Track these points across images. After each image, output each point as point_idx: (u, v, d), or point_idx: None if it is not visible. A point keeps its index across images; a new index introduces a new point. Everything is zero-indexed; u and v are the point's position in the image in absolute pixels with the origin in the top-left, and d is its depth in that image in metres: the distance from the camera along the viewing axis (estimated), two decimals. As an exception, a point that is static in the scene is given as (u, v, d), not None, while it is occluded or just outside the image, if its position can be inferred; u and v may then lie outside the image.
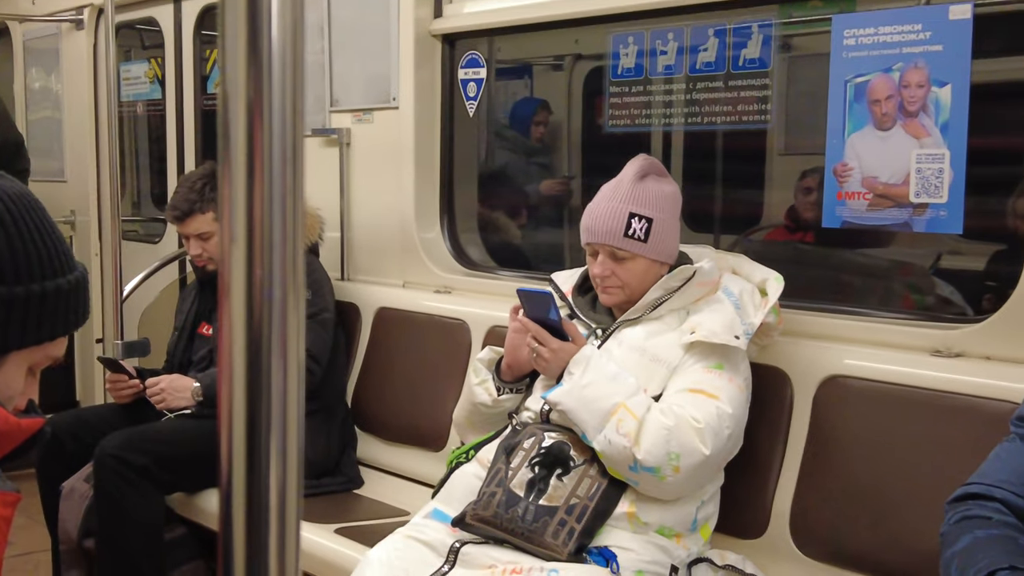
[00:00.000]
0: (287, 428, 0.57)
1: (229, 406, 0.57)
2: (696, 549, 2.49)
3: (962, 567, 1.82)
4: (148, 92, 5.32)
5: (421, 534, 2.49)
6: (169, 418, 3.47)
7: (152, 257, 4.75)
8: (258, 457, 0.57)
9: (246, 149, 0.57)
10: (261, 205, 0.56)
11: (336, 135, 3.99)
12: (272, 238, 0.56)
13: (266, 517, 0.57)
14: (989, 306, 2.97)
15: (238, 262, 0.57)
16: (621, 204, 2.58)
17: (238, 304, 0.57)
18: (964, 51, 2.54)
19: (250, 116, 0.57)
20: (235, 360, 0.57)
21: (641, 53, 3.34)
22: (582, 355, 2.50)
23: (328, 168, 4.04)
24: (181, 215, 3.57)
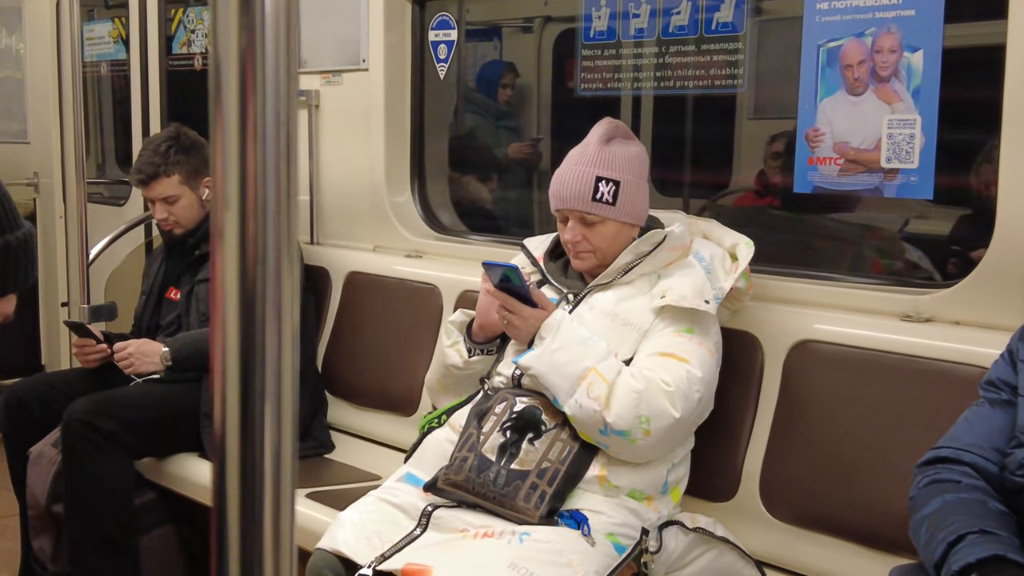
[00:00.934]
0: (282, 393, 0.57)
1: (223, 372, 0.57)
2: (667, 512, 2.51)
3: (932, 530, 1.85)
4: (112, 52, 5.24)
5: (393, 497, 2.50)
6: (137, 383, 3.45)
7: (118, 220, 4.70)
8: (253, 423, 0.56)
9: (239, 111, 0.56)
10: (254, 168, 0.56)
11: (305, 97, 3.95)
12: (266, 201, 0.55)
13: (261, 485, 0.57)
14: (955, 270, 3.00)
15: (231, 226, 0.56)
16: (588, 168, 2.58)
17: (231, 268, 0.56)
18: (936, 16, 2.55)
19: (242, 77, 0.56)
20: (228, 325, 0.57)
21: (613, 16, 3.33)
22: (552, 320, 2.50)
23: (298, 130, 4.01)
24: (145, 179, 3.52)
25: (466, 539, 2.34)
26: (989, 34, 2.54)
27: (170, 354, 3.40)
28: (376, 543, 2.37)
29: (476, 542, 2.32)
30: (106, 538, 3.24)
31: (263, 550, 0.59)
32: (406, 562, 2.27)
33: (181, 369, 3.37)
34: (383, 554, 2.32)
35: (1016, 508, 1.88)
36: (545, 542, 2.28)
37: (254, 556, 0.59)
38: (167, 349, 3.41)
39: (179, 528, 3.54)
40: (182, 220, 3.56)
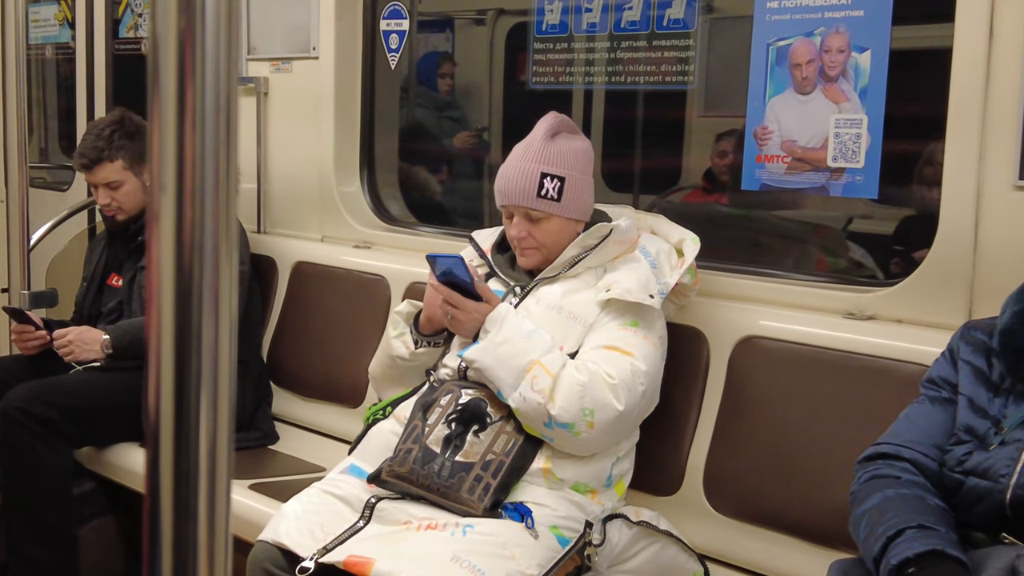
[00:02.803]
0: (218, 382, 0.56)
1: (157, 360, 0.56)
2: (611, 505, 2.52)
3: (871, 525, 1.87)
4: (57, 35, 5.15)
5: (337, 489, 2.49)
6: (77, 370, 3.40)
7: (60, 205, 4.63)
8: (187, 412, 0.56)
9: (177, 95, 0.55)
10: (193, 153, 0.55)
11: (253, 84, 3.92)
12: (204, 187, 0.55)
13: (195, 475, 0.56)
14: (898, 269, 3.04)
15: (167, 211, 0.55)
16: (532, 164, 2.58)
17: (167, 255, 0.55)
18: (884, 17, 2.58)
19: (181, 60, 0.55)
20: (164, 313, 0.56)
21: (566, 10, 3.33)
22: (497, 313, 2.50)
23: (245, 118, 3.96)
24: (89, 163, 3.48)
25: (409, 531, 2.34)
26: (936, 36, 2.57)
27: (111, 342, 3.35)
28: (319, 535, 2.36)
29: (419, 534, 2.32)
30: (44, 528, 3.20)
31: (197, 540, 0.58)
32: (348, 554, 2.26)
33: (122, 357, 3.32)
34: (325, 546, 2.31)
35: (954, 504, 1.91)
36: (488, 534, 2.28)
37: (188, 546, 0.58)
38: (108, 337, 3.37)
39: (118, 518, 3.50)
40: (125, 206, 3.51)
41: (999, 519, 1.86)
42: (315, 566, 2.28)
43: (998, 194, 2.34)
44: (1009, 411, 1.92)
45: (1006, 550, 1.81)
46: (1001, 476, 1.85)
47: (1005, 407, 1.93)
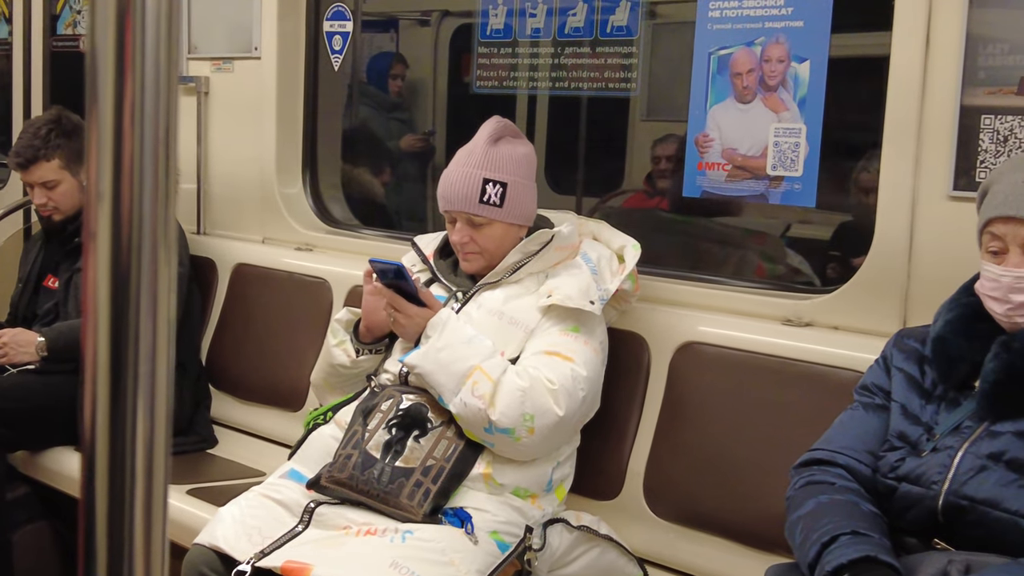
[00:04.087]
0: (156, 386, 0.56)
1: (93, 364, 0.56)
2: (551, 510, 2.53)
3: (806, 530, 1.89)
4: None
5: (276, 493, 2.47)
6: (11, 373, 3.34)
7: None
8: (123, 416, 0.55)
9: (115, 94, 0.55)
10: (131, 154, 0.54)
11: (194, 83, 3.88)
12: (143, 189, 0.54)
13: (132, 480, 0.56)
14: (835, 275, 3.08)
15: (104, 213, 0.55)
16: (475, 170, 2.59)
17: (103, 257, 0.55)
18: (824, 27, 2.62)
19: (120, 60, 0.55)
20: (99, 316, 0.55)
21: (510, 13, 3.34)
22: (439, 319, 2.50)
23: (185, 117, 3.92)
24: (24, 162, 3.43)
25: (348, 536, 2.33)
26: (874, 45, 2.60)
27: (46, 344, 3.30)
28: (256, 539, 2.34)
29: (358, 540, 2.31)
30: (-26, 533, 3.14)
31: (133, 546, 0.58)
32: (286, 559, 2.24)
33: (57, 360, 3.27)
34: (263, 550, 2.29)
35: (887, 509, 1.94)
36: (428, 540, 2.28)
37: (123, 552, 0.58)
38: (43, 339, 3.32)
39: (53, 523, 3.45)
40: (62, 206, 3.46)
41: (931, 525, 1.88)
42: (252, 570, 2.26)
43: (932, 204, 2.38)
44: (941, 418, 1.95)
45: (938, 556, 1.84)
46: (933, 482, 1.88)
47: (937, 414, 1.96)
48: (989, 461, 1.84)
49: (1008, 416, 1.87)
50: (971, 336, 1.95)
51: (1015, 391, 1.87)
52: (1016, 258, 1.88)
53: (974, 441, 1.88)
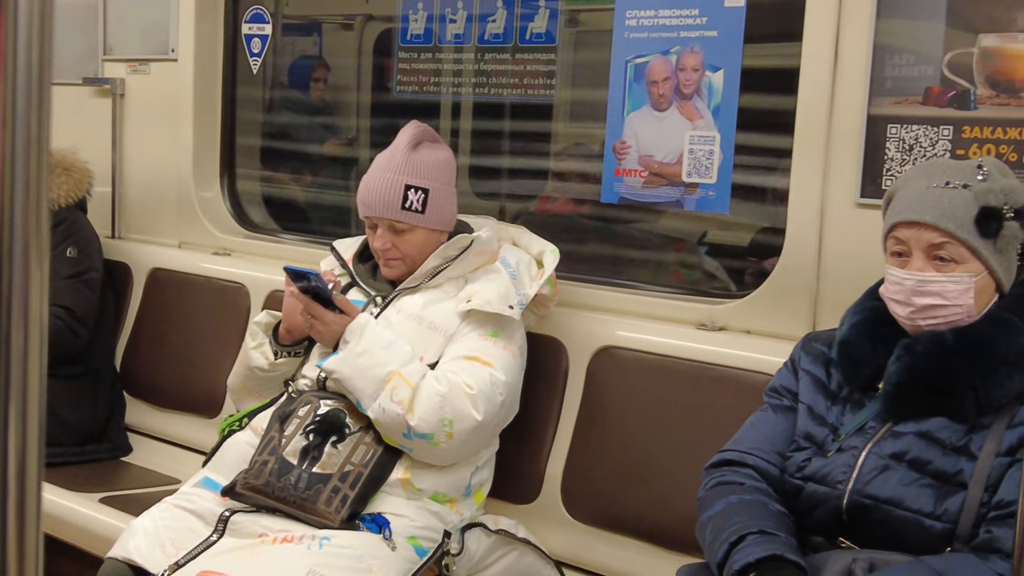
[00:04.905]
0: (28, 394, 0.55)
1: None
2: (469, 514, 2.54)
3: (716, 530, 1.91)
4: None
5: (190, 503, 2.44)
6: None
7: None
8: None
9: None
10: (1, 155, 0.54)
11: (109, 85, 3.82)
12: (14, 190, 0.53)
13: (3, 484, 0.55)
14: (751, 281, 3.12)
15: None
16: (396, 176, 2.58)
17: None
18: (737, 38, 2.66)
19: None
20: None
21: (431, 19, 3.34)
22: (357, 324, 2.49)
23: (100, 119, 3.86)
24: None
25: (264, 544, 2.30)
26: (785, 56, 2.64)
27: None
28: (170, 550, 2.31)
29: (275, 547, 2.29)
30: None
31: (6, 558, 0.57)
32: (201, 570, 2.22)
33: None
34: (177, 562, 2.27)
35: (794, 509, 1.97)
36: (345, 547, 2.27)
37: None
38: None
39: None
40: None
41: (836, 524, 1.91)
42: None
43: (840, 211, 2.43)
44: (846, 419, 1.98)
45: (843, 554, 1.87)
46: (838, 482, 1.90)
47: (842, 415, 2.00)
48: (892, 461, 1.88)
49: (910, 417, 1.91)
50: (875, 339, 1.99)
51: (917, 393, 1.90)
52: (919, 262, 1.92)
53: (877, 441, 1.91)
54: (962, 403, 1.87)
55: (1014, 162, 2.21)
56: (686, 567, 2.02)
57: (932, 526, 1.82)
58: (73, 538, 2.81)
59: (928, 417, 1.89)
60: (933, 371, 1.89)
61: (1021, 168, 2.19)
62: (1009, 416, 1.85)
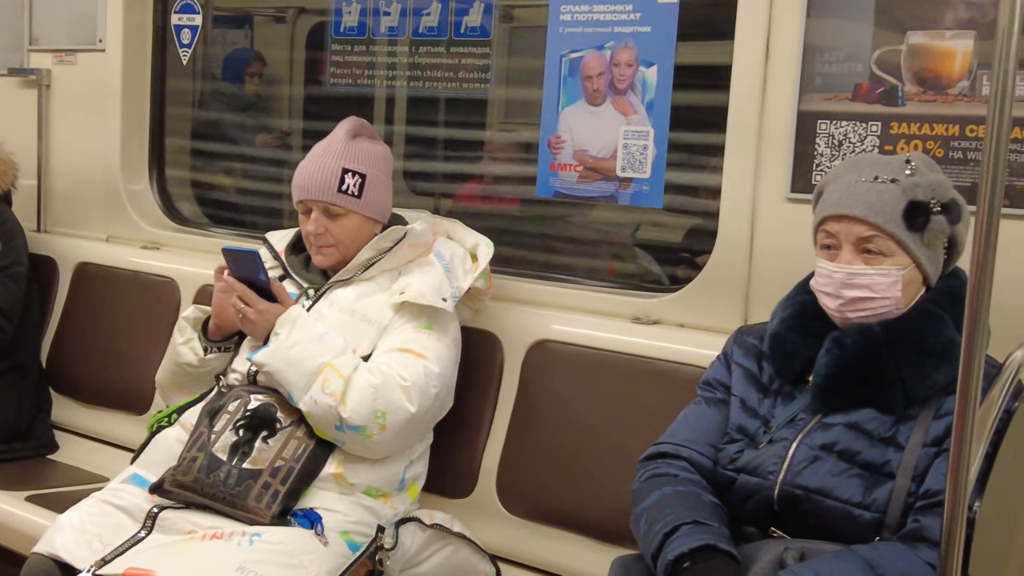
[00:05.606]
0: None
1: None
2: (403, 508, 2.53)
3: (650, 521, 1.92)
4: None
5: (118, 499, 2.41)
6: None
7: None
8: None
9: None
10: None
11: (35, 76, 3.76)
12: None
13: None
14: (684, 275, 3.14)
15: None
16: (334, 159, 2.58)
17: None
18: (670, 34, 2.68)
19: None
20: None
21: (364, 12, 3.33)
22: (288, 316, 2.48)
23: (25, 111, 3.80)
24: None
25: (193, 541, 2.28)
26: (718, 52, 2.66)
27: None
28: (97, 546, 2.28)
29: (204, 544, 2.26)
30: None
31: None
32: (128, 566, 2.19)
33: None
34: (104, 558, 2.23)
35: (727, 500, 1.98)
36: (276, 543, 2.25)
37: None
38: None
39: None
40: None
41: (768, 514, 1.93)
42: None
43: (771, 206, 2.45)
44: (777, 411, 2.00)
45: (774, 543, 1.88)
46: (769, 473, 1.92)
47: (773, 407, 2.02)
48: (822, 452, 1.90)
49: (839, 408, 1.93)
50: (805, 333, 2.01)
51: (846, 385, 1.93)
52: (848, 255, 1.94)
53: (808, 433, 1.93)
54: (890, 395, 1.90)
55: (941, 157, 2.25)
56: (620, 559, 2.02)
57: (861, 516, 1.84)
58: (0, 537, 2.76)
59: (857, 408, 1.92)
60: (861, 363, 1.91)
61: (948, 163, 2.23)
62: (935, 407, 1.89)
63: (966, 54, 2.23)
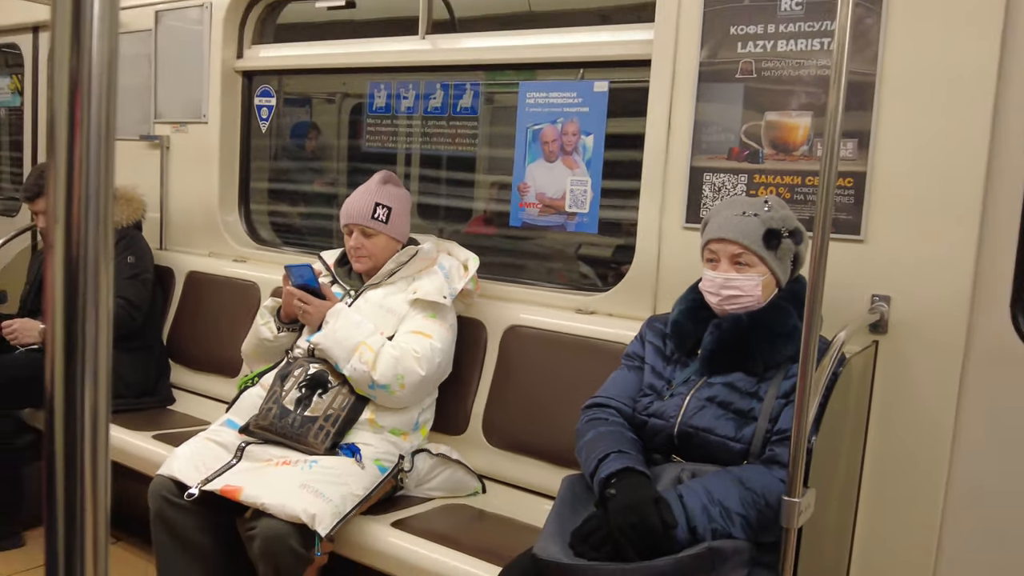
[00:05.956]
0: (98, 361, 0.54)
1: (53, 341, 0.54)
2: (417, 443, 2.53)
3: (589, 451, 1.92)
4: (10, 100, 4.73)
5: (217, 437, 2.40)
6: (21, 351, 3.14)
7: (10, 227, 4.26)
8: (73, 380, 0.53)
9: (66, 151, 0.53)
10: (79, 192, 0.53)
11: (159, 140, 3.73)
12: (87, 217, 0.52)
13: (81, 424, 0.54)
14: (614, 279, 3.14)
15: (60, 233, 0.53)
16: (370, 196, 2.58)
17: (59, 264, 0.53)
18: (603, 112, 2.69)
19: (70, 126, 0.53)
20: (56, 308, 0.53)
21: (389, 96, 3.31)
22: (335, 310, 2.47)
23: (152, 165, 3.77)
24: (31, 196, 3.24)
25: (270, 466, 2.27)
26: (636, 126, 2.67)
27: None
28: (202, 470, 2.27)
29: (277, 469, 2.25)
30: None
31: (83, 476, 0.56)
32: (224, 484, 2.18)
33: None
34: (206, 478, 2.22)
35: (642, 436, 1.99)
36: (328, 467, 2.25)
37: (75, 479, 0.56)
38: (44, 327, 3.12)
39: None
40: None
41: (670, 446, 1.94)
42: (199, 492, 2.19)
43: (672, 232, 2.46)
44: (676, 375, 2.01)
45: (674, 466, 1.90)
46: (671, 417, 1.93)
47: (674, 372, 2.02)
48: (707, 402, 1.91)
49: (719, 372, 1.94)
50: (696, 320, 2.02)
51: (723, 356, 1.94)
52: (725, 266, 1.95)
53: (697, 389, 1.94)
54: (753, 363, 1.91)
55: (789, 199, 2.26)
56: (568, 477, 2.02)
57: (734, 447, 1.85)
58: (134, 464, 2.73)
59: (731, 372, 1.93)
60: (734, 341, 1.93)
61: (793, 203, 2.25)
62: (784, 371, 1.90)
63: (806, 127, 2.25)
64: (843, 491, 2.08)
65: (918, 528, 2.12)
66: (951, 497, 2.09)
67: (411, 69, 3.20)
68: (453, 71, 3.14)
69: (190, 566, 2.27)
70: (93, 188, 0.52)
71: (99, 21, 0.53)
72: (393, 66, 3.23)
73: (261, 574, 2.13)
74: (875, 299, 2.12)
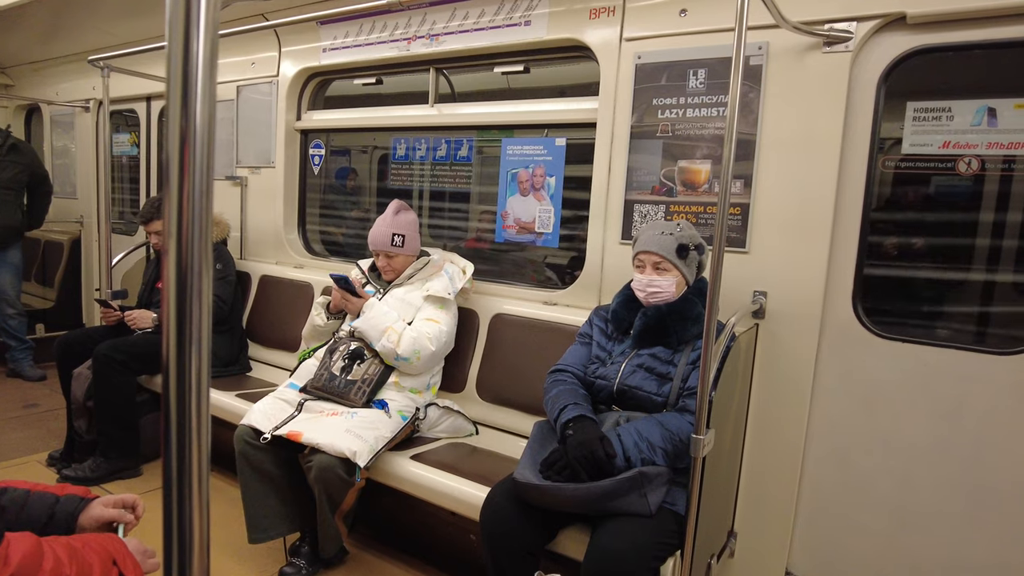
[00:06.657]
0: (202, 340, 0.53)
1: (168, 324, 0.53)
2: (429, 398, 2.51)
3: (552, 403, 1.93)
4: (129, 150, 4.65)
5: (283, 395, 2.37)
6: (139, 334, 3.09)
7: (129, 243, 4.20)
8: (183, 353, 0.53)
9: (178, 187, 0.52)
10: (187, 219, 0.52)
11: (239, 180, 3.68)
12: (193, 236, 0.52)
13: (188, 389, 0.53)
14: (570, 280, 3.14)
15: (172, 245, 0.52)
16: (388, 228, 2.56)
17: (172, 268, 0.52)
18: (562, 160, 2.69)
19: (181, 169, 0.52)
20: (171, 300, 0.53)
21: (407, 149, 3.29)
22: (369, 303, 2.46)
23: (234, 198, 3.72)
24: (146, 219, 3.19)
25: (323, 417, 2.25)
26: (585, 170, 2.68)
27: (158, 318, 3.06)
28: (273, 420, 2.25)
29: (328, 418, 2.24)
30: (118, 419, 2.90)
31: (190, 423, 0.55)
32: (289, 430, 2.16)
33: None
34: (276, 426, 2.20)
35: (591, 393, 1.98)
36: (364, 417, 2.24)
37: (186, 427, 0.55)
38: (155, 315, 3.09)
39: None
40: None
41: (611, 399, 1.94)
42: (271, 436, 2.17)
43: (612, 246, 2.46)
44: (615, 348, 2.01)
45: (614, 414, 1.90)
46: (611, 379, 1.94)
47: (614, 346, 2.02)
48: (637, 368, 1.91)
49: (645, 347, 1.95)
50: (629, 309, 2.02)
51: (648, 335, 1.94)
52: (649, 271, 1.96)
53: (630, 359, 1.94)
54: (670, 339, 1.92)
55: (695, 222, 2.27)
56: (538, 422, 2.03)
57: (657, 399, 1.86)
58: (225, 416, 2.70)
59: (654, 346, 1.93)
60: (656, 324, 1.93)
61: (699, 225, 2.26)
62: (692, 345, 1.91)
63: (707, 171, 2.26)
64: (734, 430, 2.10)
65: (787, 455, 2.15)
66: (810, 433, 2.13)
67: (423, 129, 3.19)
68: (454, 130, 3.12)
69: (266, 490, 2.25)
70: (197, 214, 0.52)
71: (201, 93, 0.52)
72: (410, 126, 3.21)
73: (317, 495, 2.12)
74: (756, 294, 2.15)
